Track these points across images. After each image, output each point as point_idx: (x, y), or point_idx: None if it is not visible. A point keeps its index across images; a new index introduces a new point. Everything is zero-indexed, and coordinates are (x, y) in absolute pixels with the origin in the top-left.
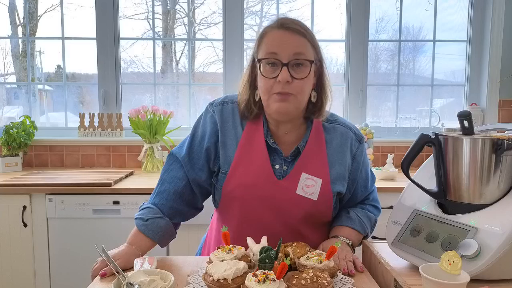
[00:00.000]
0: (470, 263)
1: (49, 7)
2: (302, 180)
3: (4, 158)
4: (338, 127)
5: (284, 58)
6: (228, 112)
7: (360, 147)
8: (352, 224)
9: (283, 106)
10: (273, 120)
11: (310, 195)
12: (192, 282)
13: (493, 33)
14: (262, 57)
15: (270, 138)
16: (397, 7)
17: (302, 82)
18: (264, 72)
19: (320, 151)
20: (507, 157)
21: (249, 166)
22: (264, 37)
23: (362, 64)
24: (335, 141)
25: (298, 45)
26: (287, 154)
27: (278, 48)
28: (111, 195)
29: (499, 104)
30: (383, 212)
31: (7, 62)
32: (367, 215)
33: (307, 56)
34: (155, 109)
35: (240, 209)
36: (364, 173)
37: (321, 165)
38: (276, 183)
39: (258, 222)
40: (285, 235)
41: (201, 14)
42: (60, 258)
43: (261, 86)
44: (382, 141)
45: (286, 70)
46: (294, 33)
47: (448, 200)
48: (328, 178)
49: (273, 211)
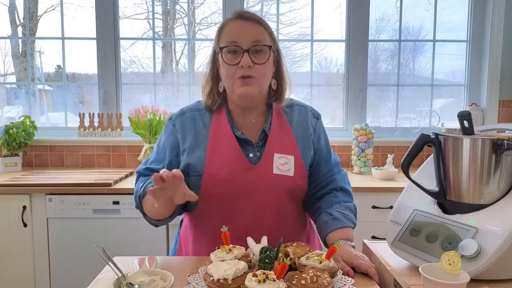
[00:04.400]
0: (470, 263)
1: (49, 7)
2: (275, 160)
3: (4, 158)
4: (295, 107)
5: (244, 45)
6: (187, 120)
7: (318, 123)
8: (342, 223)
9: (247, 90)
10: (238, 110)
11: (286, 172)
12: (192, 282)
13: (493, 33)
14: (223, 46)
15: (237, 130)
16: (397, 7)
17: (262, 67)
18: (226, 60)
19: (285, 129)
20: (507, 157)
21: (223, 161)
22: (224, 28)
23: (362, 64)
24: (295, 119)
25: (257, 33)
26: (256, 141)
27: (238, 36)
28: (111, 195)
29: (499, 104)
30: (383, 212)
31: (7, 62)
32: (346, 207)
33: (265, 43)
34: (155, 109)
35: (221, 205)
36: (324, 146)
37: (289, 142)
38: (252, 169)
39: (242, 214)
40: (270, 218)
41: (201, 14)
42: (60, 258)
43: (224, 74)
44: (382, 141)
45: (247, 56)
46: (251, 22)
47: (448, 200)
48: (298, 153)
49: (255, 197)
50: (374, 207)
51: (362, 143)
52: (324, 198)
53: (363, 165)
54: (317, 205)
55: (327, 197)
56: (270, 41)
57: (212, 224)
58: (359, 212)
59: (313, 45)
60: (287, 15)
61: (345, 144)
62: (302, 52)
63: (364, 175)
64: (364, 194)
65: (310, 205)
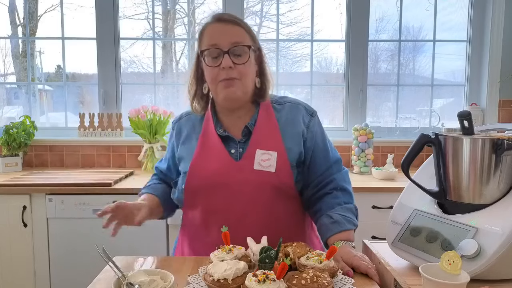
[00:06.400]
0: (470, 263)
1: (49, 7)
2: (257, 156)
3: (4, 158)
4: (287, 104)
5: (224, 46)
6: (182, 124)
7: (313, 120)
8: (343, 226)
9: (231, 91)
10: (224, 110)
11: (267, 167)
12: (192, 282)
13: (493, 33)
14: (204, 49)
15: (220, 128)
16: (397, 7)
17: (244, 67)
18: (208, 62)
19: (271, 126)
20: (507, 157)
21: (207, 159)
22: (204, 32)
23: (362, 64)
24: (285, 116)
25: (236, 34)
26: (239, 137)
27: (217, 39)
28: (111, 195)
29: (499, 104)
30: (383, 212)
31: (7, 62)
32: (347, 209)
33: (244, 43)
34: (155, 109)
35: (204, 202)
36: (321, 142)
37: (274, 138)
38: (233, 165)
39: (227, 211)
40: (257, 216)
41: (201, 14)
42: (60, 258)
43: (208, 77)
44: (382, 141)
45: (227, 57)
46: (230, 24)
47: (448, 200)
48: (283, 149)
49: (239, 193)
50: (374, 207)
51: (362, 143)
52: (324, 199)
53: (363, 165)
54: (317, 206)
55: (327, 198)
56: (250, 41)
57: (199, 218)
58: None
59: (313, 45)
60: (287, 15)
61: (345, 144)
62: (302, 52)
63: (364, 175)
64: (364, 194)
65: (310, 205)
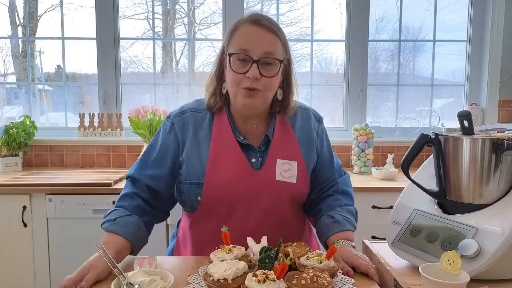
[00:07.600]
0: (470, 263)
1: (49, 7)
2: (278, 166)
3: (4, 158)
4: (298, 110)
5: (254, 55)
6: (187, 120)
7: (321, 126)
8: (343, 227)
9: (250, 102)
10: (240, 116)
11: (289, 178)
12: (192, 282)
13: (493, 33)
14: (233, 52)
15: (240, 135)
16: (397, 7)
17: (270, 80)
18: (234, 67)
19: (289, 134)
20: (507, 157)
21: (226, 167)
22: (236, 31)
23: (362, 64)
24: (298, 123)
25: (270, 44)
26: (258, 145)
27: (249, 44)
28: (111, 195)
29: (499, 104)
30: (383, 212)
31: (7, 62)
32: (348, 210)
33: (277, 55)
34: (155, 109)
35: (222, 210)
36: (327, 150)
37: (293, 147)
38: (255, 175)
39: (242, 220)
40: (272, 224)
41: (201, 14)
42: (60, 258)
43: (229, 79)
44: (382, 141)
45: (255, 67)
46: (266, 31)
47: (448, 200)
48: (301, 159)
49: (257, 204)
50: (374, 207)
51: (362, 143)
52: (325, 200)
53: (363, 165)
54: (318, 207)
55: (328, 199)
56: (283, 53)
57: (212, 228)
58: (359, 212)
59: (313, 45)
60: (287, 15)
61: (345, 144)
62: (302, 52)
63: (364, 175)
64: (364, 194)
65: (311, 207)
